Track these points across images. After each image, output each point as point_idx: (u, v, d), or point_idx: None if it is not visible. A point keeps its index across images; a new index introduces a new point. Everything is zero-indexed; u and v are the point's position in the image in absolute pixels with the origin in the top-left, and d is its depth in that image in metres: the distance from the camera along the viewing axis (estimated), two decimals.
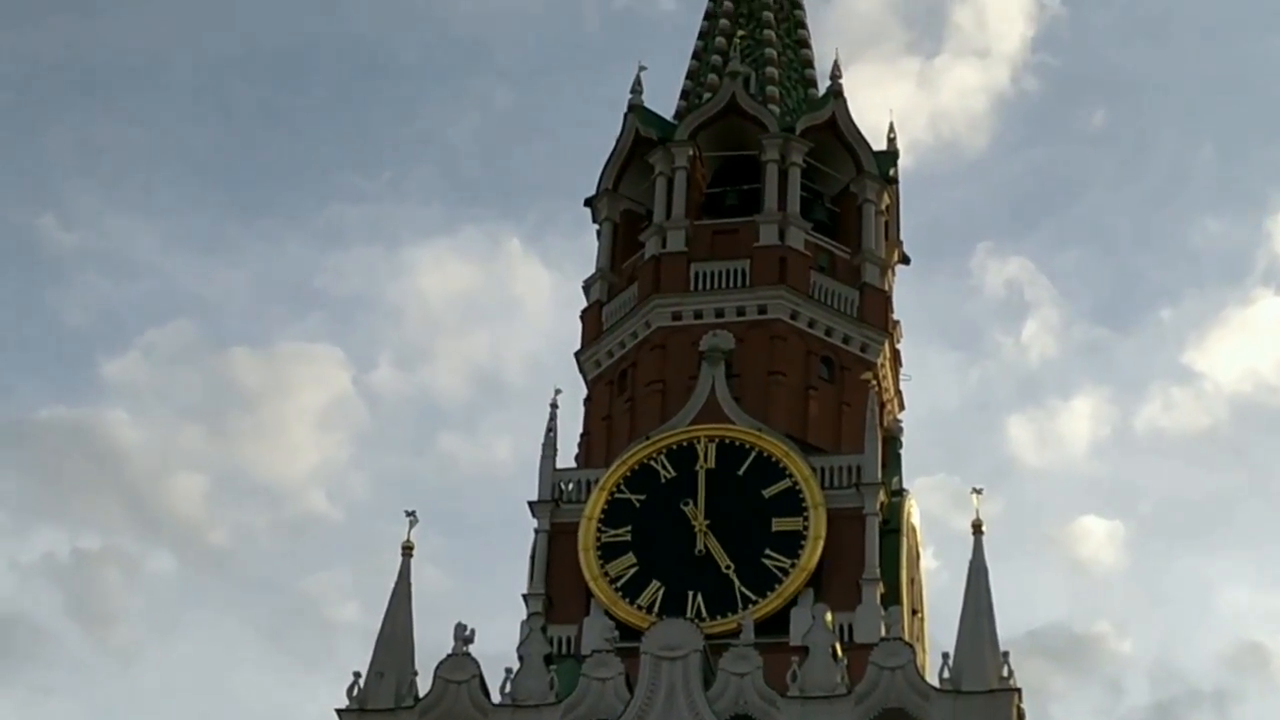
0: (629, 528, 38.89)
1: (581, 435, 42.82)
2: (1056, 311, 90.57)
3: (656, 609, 37.44)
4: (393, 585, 38.45)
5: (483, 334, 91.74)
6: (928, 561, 43.08)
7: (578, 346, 44.10)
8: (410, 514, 39.24)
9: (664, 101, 46.91)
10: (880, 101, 67.40)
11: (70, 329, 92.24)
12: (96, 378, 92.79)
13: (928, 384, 65.74)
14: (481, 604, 70.22)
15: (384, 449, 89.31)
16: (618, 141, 45.84)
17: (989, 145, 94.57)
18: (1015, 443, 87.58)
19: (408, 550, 38.87)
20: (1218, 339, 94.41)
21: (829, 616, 35.77)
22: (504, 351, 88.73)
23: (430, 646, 37.03)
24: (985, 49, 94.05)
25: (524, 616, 38.69)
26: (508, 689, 35.82)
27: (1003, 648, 34.91)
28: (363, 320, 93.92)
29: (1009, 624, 36.73)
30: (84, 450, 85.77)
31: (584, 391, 43.64)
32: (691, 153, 44.09)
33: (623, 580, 38.25)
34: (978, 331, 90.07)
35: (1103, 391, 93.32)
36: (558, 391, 41.48)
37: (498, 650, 37.53)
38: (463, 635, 36.39)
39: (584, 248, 46.27)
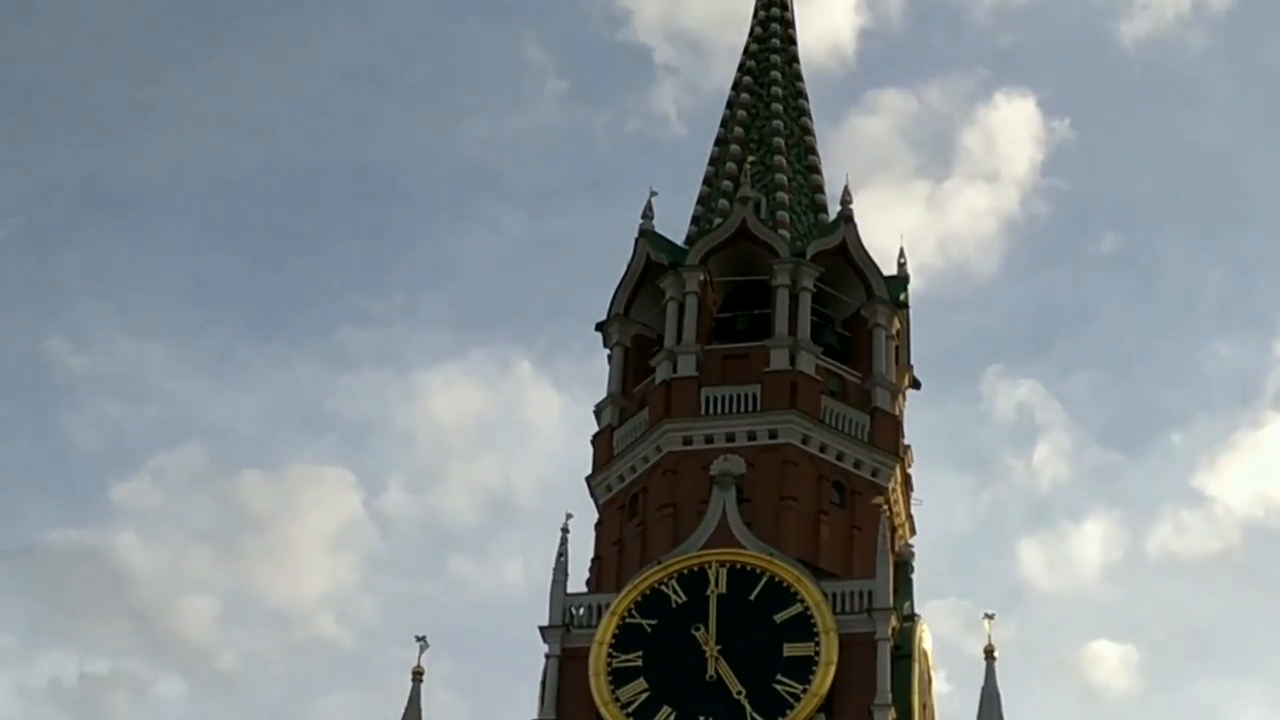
0: (640, 653, 38.65)
1: (592, 560, 42.72)
2: (1067, 435, 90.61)
3: None
4: (403, 711, 38.36)
5: (493, 458, 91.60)
6: (940, 686, 42.87)
7: (589, 471, 44.11)
8: (420, 639, 39.28)
9: (675, 226, 47.30)
10: (890, 225, 67.77)
11: (80, 452, 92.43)
12: (106, 501, 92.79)
13: (939, 508, 65.52)
14: None
15: (394, 572, 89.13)
16: (629, 266, 46.07)
17: (999, 269, 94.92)
18: (1027, 566, 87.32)
19: (418, 676, 38.85)
20: (1228, 462, 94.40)
21: None
22: (515, 475, 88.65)
23: None
24: (994, 172, 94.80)
25: None
26: None
27: None
28: (373, 443, 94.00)
29: None
30: (93, 573, 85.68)
31: (595, 516, 43.59)
32: (702, 278, 44.28)
33: (634, 705, 37.97)
34: (988, 455, 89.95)
35: (1114, 515, 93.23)
36: (569, 516, 41.51)
37: None
38: None
39: (595, 372, 46.41)
